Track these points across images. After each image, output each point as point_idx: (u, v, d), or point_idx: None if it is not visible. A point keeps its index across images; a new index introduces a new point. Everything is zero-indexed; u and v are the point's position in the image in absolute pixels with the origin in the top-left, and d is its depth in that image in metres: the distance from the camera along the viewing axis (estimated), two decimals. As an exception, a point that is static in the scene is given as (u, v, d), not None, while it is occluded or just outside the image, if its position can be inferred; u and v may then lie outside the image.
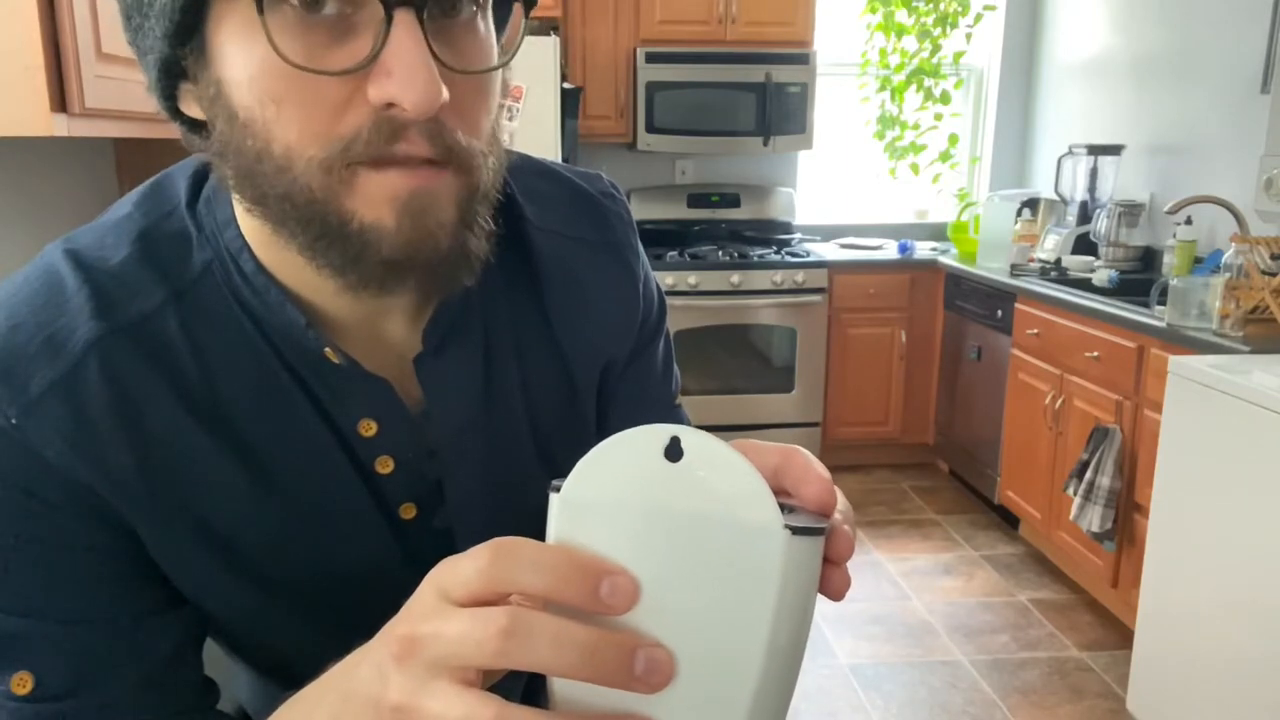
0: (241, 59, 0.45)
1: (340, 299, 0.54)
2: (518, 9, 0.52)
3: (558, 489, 0.36)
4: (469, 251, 0.50)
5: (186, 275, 0.54)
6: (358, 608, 0.42)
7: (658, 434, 0.35)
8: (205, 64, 0.47)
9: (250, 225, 0.53)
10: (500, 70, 0.51)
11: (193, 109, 0.50)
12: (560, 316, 0.64)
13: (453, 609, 0.35)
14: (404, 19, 0.43)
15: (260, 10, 0.43)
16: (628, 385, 0.70)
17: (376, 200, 0.46)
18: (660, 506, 0.34)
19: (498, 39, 0.52)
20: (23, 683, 0.51)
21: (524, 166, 0.65)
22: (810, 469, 0.38)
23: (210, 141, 0.49)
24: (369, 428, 0.57)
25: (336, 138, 0.45)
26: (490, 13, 0.50)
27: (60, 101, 1.15)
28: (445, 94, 0.44)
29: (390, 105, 0.44)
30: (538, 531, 0.37)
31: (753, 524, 0.34)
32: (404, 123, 0.45)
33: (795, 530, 0.34)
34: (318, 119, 0.45)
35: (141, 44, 0.48)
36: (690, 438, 0.34)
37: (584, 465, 0.35)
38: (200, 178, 0.57)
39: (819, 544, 0.36)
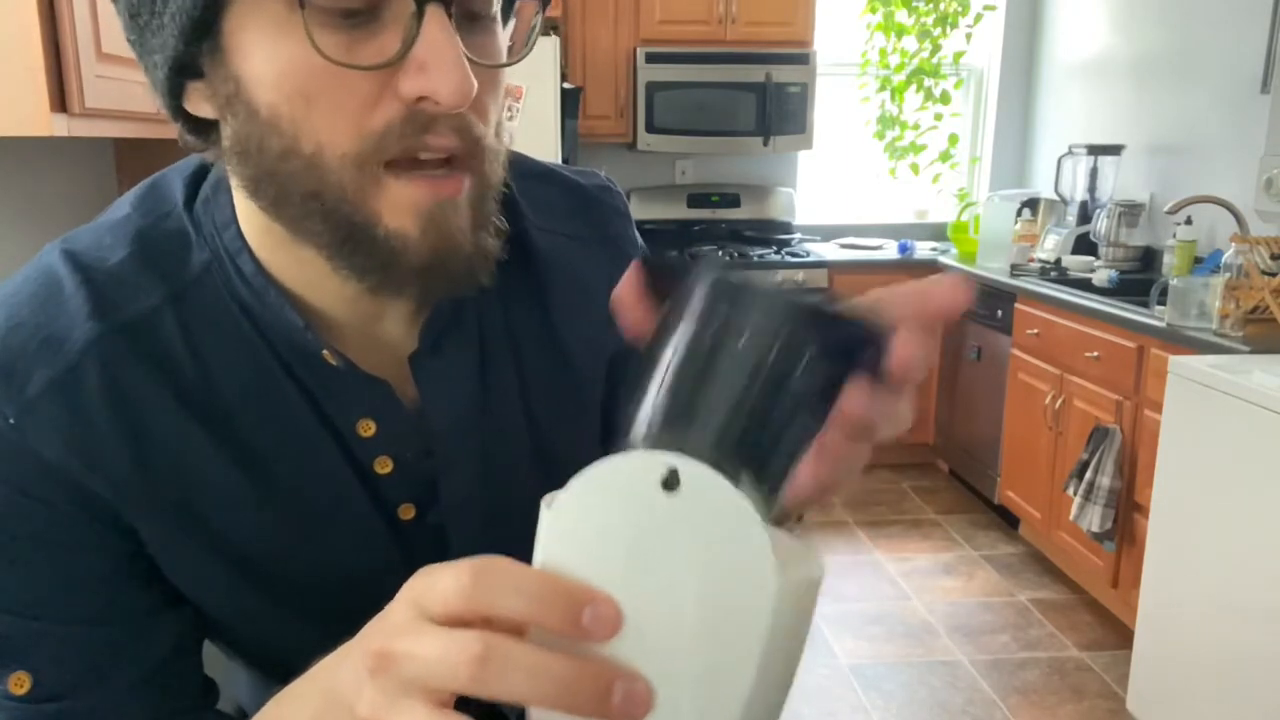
0: (267, 55, 0.45)
1: (342, 302, 0.54)
2: (530, 6, 0.52)
3: (550, 504, 0.35)
4: (485, 251, 0.51)
5: (185, 276, 0.54)
6: (356, 608, 0.42)
7: (655, 461, 0.34)
8: (222, 61, 0.46)
9: (255, 226, 0.53)
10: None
11: (202, 108, 0.50)
12: (563, 314, 0.64)
13: (429, 626, 0.34)
14: (435, 14, 0.44)
15: (302, 5, 0.43)
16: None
17: (401, 208, 0.47)
18: (652, 536, 0.33)
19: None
20: (20, 683, 0.51)
21: (520, 167, 0.65)
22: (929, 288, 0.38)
23: (224, 140, 0.49)
24: (367, 428, 0.57)
25: (369, 133, 0.46)
26: (499, 7, 0.50)
27: (60, 101, 1.15)
28: (476, 87, 0.45)
29: (421, 99, 0.45)
30: (531, 531, 0.36)
31: (744, 567, 0.33)
32: (434, 116, 0.46)
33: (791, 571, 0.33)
34: (349, 114, 0.45)
35: (150, 42, 0.48)
36: (687, 469, 0.33)
37: (578, 485, 0.34)
38: (197, 178, 0.57)
39: (814, 589, 0.35)
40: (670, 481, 0.33)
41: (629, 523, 0.33)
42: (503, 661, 0.32)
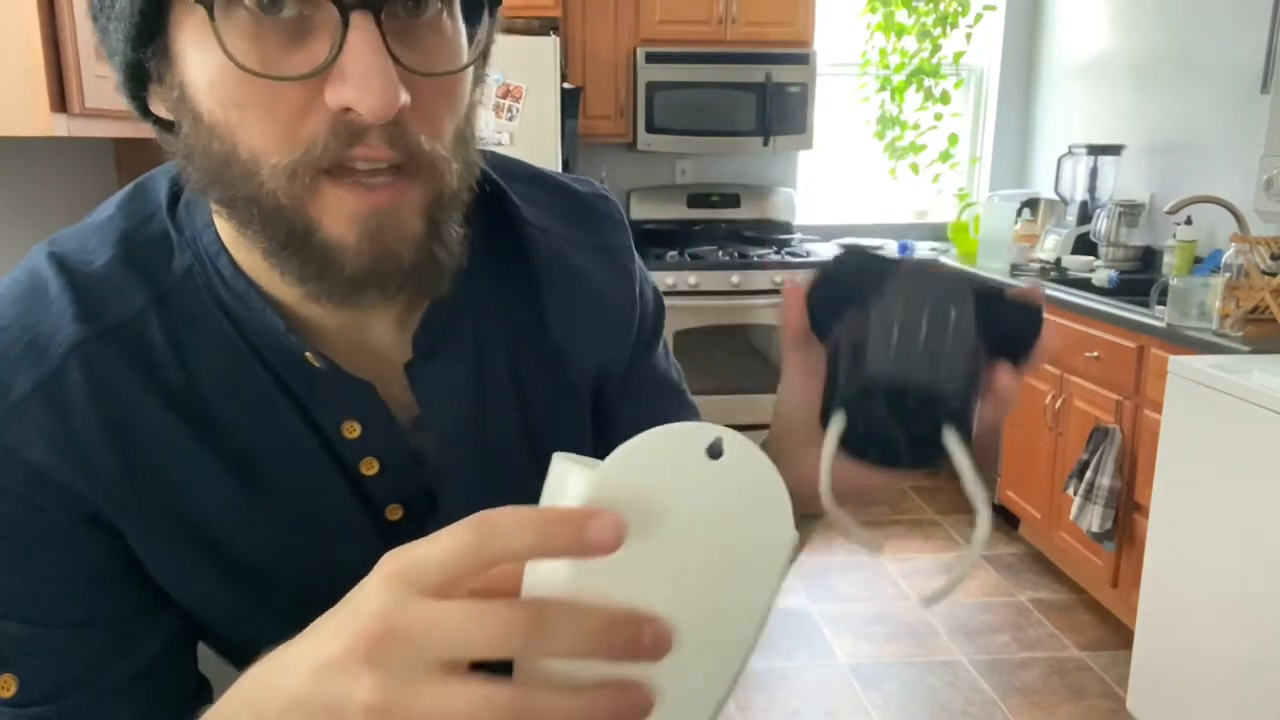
0: (200, 63, 0.45)
1: (318, 305, 0.54)
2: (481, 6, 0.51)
3: (570, 459, 0.38)
4: (438, 262, 0.49)
5: (168, 279, 0.54)
6: None
7: (701, 431, 0.36)
8: (169, 66, 0.46)
9: (227, 229, 0.53)
10: (469, 71, 0.50)
11: (160, 110, 0.50)
12: (558, 315, 0.64)
13: (431, 601, 0.33)
14: (361, 22, 0.43)
15: (211, 16, 0.42)
16: (637, 383, 0.70)
17: (339, 217, 0.46)
18: (687, 494, 0.36)
19: (471, 38, 0.51)
20: (6, 686, 0.51)
21: (515, 172, 0.65)
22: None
23: (178, 143, 0.49)
24: (352, 430, 0.57)
25: (298, 142, 0.45)
26: (458, 11, 0.49)
27: (60, 101, 1.15)
28: (405, 97, 0.44)
29: (348, 110, 0.44)
30: None
31: (766, 522, 0.37)
32: (362, 127, 0.44)
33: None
34: (279, 124, 0.44)
35: (107, 45, 0.48)
36: (731, 438, 0.37)
37: (629, 449, 0.36)
38: (181, 180, 0.57)
39: (796, 550, 0.39)
40: (715, 449, 0.37)
41: (669, 484, 0.36)
42: (550, 621, 0.33)
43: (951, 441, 0.45)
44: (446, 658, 0.33)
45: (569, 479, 0.37)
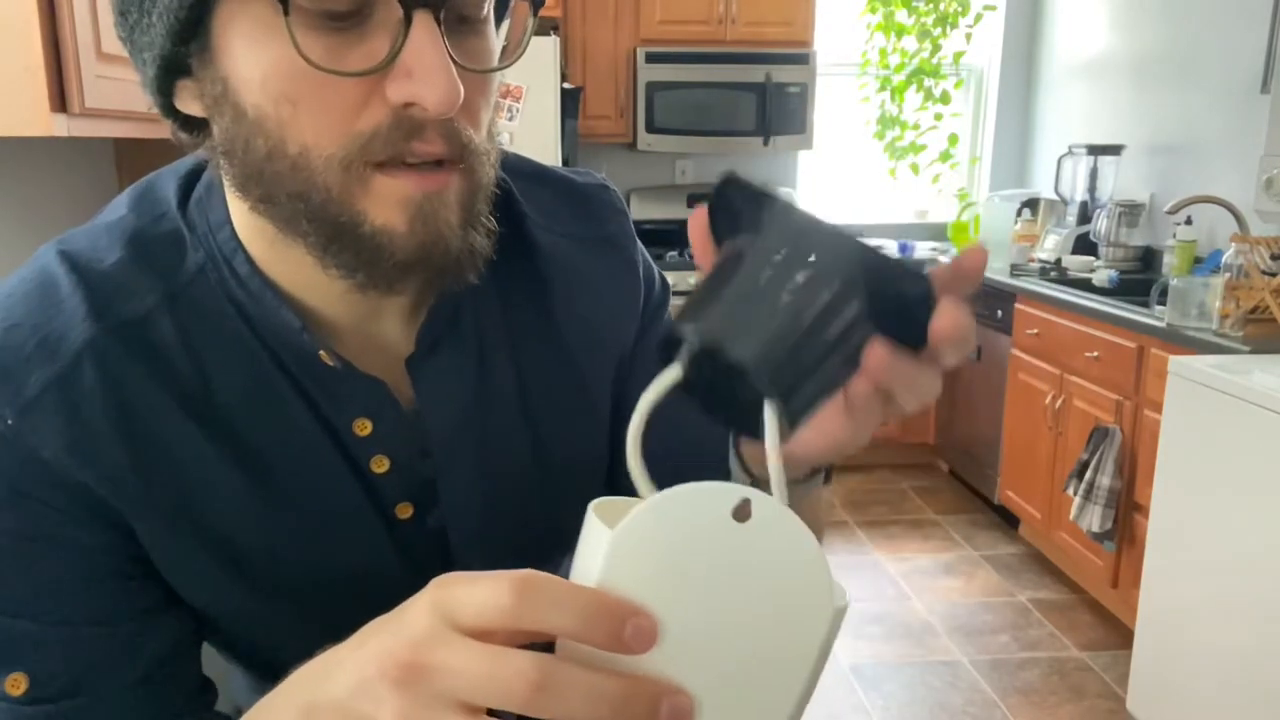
0: (254, 58, 0.45)
1: (336, 300, 0.54)
2: (523, 8, 0.52)
3: (599, 513, 0.36)
4: (474, 249, 0.51)
5: (180, 277, 0.54)
6: (353, 608, 0.42)
7: (729, 491, 0.34)
8: (210, 61, 0.47)
9: (248, 226, 0.53)
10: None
11: (191, 106, 0.50)
12: (565, 313, 0.64)
13: (463, 640, 0.34)
14: (423, 20, 0.44)
15: (286, 12, 0.43)
16: (647, 357, 0.70)
17: (388, 203, 0.47)
18: (717, 562, 0.34)
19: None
20: (16, 684, 0.51)
21: (516, 169, 0.66)
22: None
23: (212, 139, 0.49)
24: (364, 427, 0.57)
25: (355, 134, 0.46)
26: (491, 11, 0.51)
27: (60, 101, 1.15)
28: (463, 93, 0.45)
29: (409, 105, 0.45)
30: (532, 528, 0.36)
31: (804, 597, 0.35)
32: (422, 122, 0.46)
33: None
34: (335, 118, 0.45)
35: (139, 39, 0.48)
36: (760, 501, 0.35)
37: (648, 506, 0.34)
38: (190, 179, 0.57)
39: (842, 617, 0.37)
40: (741, 512, 0.34)
41: (695, 548, 0.34)
42: (560, 685, 0.32)
43: (768, 414, 0.39)
44: (462, 700, 0.33)
45: (593, 537, 0.36)
